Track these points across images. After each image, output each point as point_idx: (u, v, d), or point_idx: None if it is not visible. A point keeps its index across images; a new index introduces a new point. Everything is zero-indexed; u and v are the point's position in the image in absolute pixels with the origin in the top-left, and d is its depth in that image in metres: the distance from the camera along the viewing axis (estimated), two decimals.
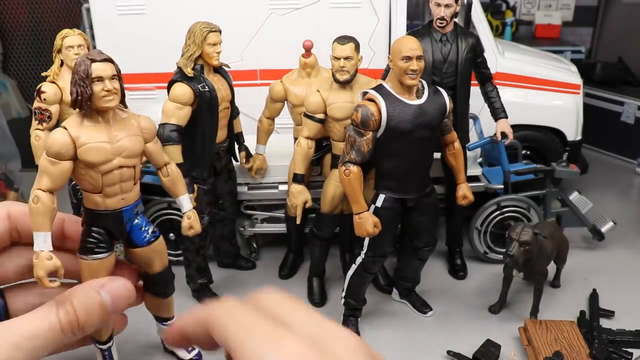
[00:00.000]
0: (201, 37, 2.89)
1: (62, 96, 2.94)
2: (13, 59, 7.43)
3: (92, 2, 3.78)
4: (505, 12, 6.80)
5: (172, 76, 2.93)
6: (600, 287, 3.34)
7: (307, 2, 3.83)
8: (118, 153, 2.03)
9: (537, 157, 4.22)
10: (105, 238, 2.15)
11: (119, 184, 2.09)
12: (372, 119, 2.56)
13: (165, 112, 2.86)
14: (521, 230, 2.84)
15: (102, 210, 2.12)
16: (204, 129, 3.01)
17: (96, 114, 2.04)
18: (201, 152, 3.05)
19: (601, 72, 5.63)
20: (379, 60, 3.79)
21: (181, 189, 2.40)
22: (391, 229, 2.85)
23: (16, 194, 4.14)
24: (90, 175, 2.04)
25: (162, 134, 2.81)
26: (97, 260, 2.13)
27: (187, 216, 2.49)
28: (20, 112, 7.30)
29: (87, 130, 2.02)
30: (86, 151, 1.99)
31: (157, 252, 2.34)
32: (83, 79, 2.01)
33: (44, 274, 1.65)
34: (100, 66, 2.02)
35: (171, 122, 2.85)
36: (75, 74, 2.03)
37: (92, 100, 2.00)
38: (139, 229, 2.25)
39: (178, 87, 2.87)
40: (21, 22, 7.26)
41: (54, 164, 1.96)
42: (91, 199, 2.12)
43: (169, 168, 2.34)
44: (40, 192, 1.92)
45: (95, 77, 2.00)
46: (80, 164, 2.02)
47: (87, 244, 2.12)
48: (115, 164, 2.04)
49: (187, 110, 2.89)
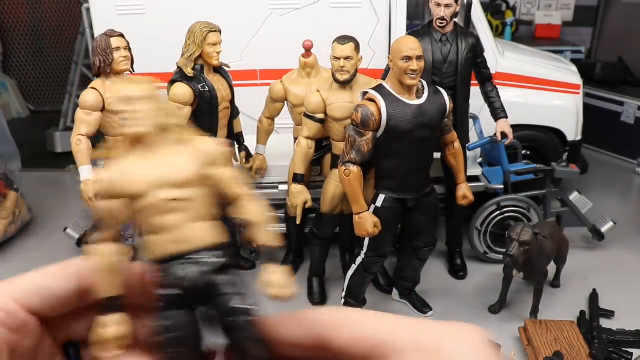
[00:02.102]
0: (201, 37, 2.89)
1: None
2: (13, 59, 7.44)
3: (92, 2, 3.78)
4: (505, 12, 6.80)
5: (172, 76, 2.93)
6: (600, 287, 3.34)
7: (307, 2, 3.83)
8: None
9: (537, 157, 4.22)
10: None
11: None
12: (372, 119, 2.56)
13: None
14: (521, 230, 2.84)
15: None
16: (203, 128, 3.01)
17: (113, 76, 2.83)
18: None
19: (601, 72, 5.63)
20: (379, 60, 3.79)
21: None
22: (391, 229, 2.85)
23: (16, 194, 4.13)
24: (114, 121, 2.77)
25: None
26: None
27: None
28: (20, 112, 7.30)
29: (110, 89, 2.77)
30: (112, 103, 2.72)
31: None
32: (104, 50, 2.79)
33: (92, 195, 2.46)
34: (117, 39, 2.82)
35: None
36: (97, 48, 2.79)
37: (112, 65, 2.81)
38: None
39: (178, 87, 2.87)
40: (21, 22, 7.26)
41: (88, 114, 2.77)
42: None
43: None
44: (80, 136, 2.73)
45: (115, 47, 2.81)
46: (107, 113, 2.81)
47: None
48: None
49: (187, 110, 2.89)
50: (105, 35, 2.85)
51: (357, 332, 0.50)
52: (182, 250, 0.67)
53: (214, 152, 0.71)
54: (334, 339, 0.51)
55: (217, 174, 0.72)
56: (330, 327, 0.52)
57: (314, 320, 0.53)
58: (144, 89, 0.70)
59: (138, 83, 0.71)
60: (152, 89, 0.70)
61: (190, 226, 0.69)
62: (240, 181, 0.75)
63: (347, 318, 0.52)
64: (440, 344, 0.44)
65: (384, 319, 0.50)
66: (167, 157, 0.69)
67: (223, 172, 0.73)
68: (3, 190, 4.07)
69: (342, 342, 0.50)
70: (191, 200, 0.69)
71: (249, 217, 0.73)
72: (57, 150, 5.76)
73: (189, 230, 0.69)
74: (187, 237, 0.69)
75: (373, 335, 0.48)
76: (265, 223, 0.73)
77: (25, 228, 4.20)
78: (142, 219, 0.69)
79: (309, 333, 0.53)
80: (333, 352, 0.52)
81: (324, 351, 0.53)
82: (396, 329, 0.48)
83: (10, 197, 4.07)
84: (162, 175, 0.68)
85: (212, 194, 0.73)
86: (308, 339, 0.53)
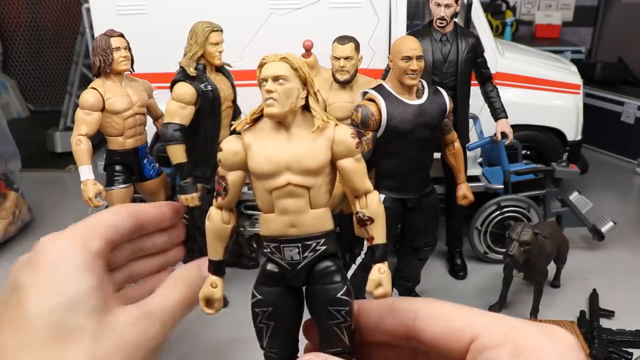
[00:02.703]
0: (203, 36, 2.89)
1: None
2: (13, 59, 7.43)
3: (92, 2, 3.78)
4: (505, 12, 6.80)
5: (175, 76, 2.94)
6: (600, 287, 3.34)
7: (307, 2, 3.82)
8: (134, 103, 2.87)
9: (537, 157, 4.22)
10: (125, 171, 2.92)
11: (135, 127, 2.91)
12: (372, 119, 2.56)
13: (169, 112, 2.87)
14: (521, 230, 2.84)
15: (123, 150, 2.90)
16: (206, 128, 3.02)
17: (113, 76, 2.82)
18: (204, 152, 3.05)
19: (601, 72, 5.63)
20: (379, 60, 3.79)
21: None
22: (391, 229, 2.85)
23: (16, 194, 4.14)
24: (114, 121, 2.83)
25: (166, 133, 2.83)
26: (121, 189, 2.92)
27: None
28: (20, 112, 7.30)
29: (110, 89, 2.80)
30: (112, 103, 2.79)
31: (163, 183, 3.12)
32: (104, 50, 2.76)
33: (92, 195, 2.63)
34: (117, 39, 2.79)
35: (174, 121, 2.85)
36: (97, 48, 2.78)
37: (112, 65, 2.77)
38: (149, 165, 3.05)
39: (181, 86, 2.87)
40: (21, 22, 7.26)
41: (88, 114, 2.74)
42: (114, 141, 2.90)
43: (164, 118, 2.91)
44: (80, 136, 2.71)
45: (115, 47, 2.77)
46: (107, 113, 2.81)
47: (112, 177, 2.91)
48: (132, 112, 2.86)
49: (191, 110, 2.89)
50: (105, 35, 2.84)
51: (450, 326, 0.51)
52: (299, 234, 0.70)
53: (348, 144, 0.71)
54: (427, 332, 0.52)
55: (345, 165, 0.73)
56: (424, 319, 0.53)
57: (408, 310, 0.55)
58: (280, 68, 0.70)
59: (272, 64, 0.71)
60: (288, 69, 0.71)
61: (309, 212, 0.71)
62: (365, 174, 0.76)
63: (441, 311, 0.53)
64: (532, 343, 0.46)
65: (478, 314, 0.51)
66: (303, 142, 0.70)
67: (351, 164, 0.74)
68: (3, 190, 4.07)
69: (435, 335, 0.52)
70: (315, 188, 0.71)
71: (370, 212, 0.75)
72: (57, 150, 5.76)
73: (308, 215, 0.71)
74: (305, 222, 0.71)
75: (466, 330, 0.49)
76: (383, 221, 0.75)
77: (25, 228, 4.20)
78: (263, 196, 0.70)
79: (401, 323, 0.55)
80: (424, 343, 0.53)
81: (413, 341, 0.54)
82: (490, 325, 0.49)
83: (10, 197, 4.07)
84: (297, 160, 0.69)
85: (331, 182, 0.75)
86: (399, 328, 0.55)
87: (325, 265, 0.69)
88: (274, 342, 0.71)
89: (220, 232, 0.72)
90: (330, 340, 0.65)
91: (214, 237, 0.71)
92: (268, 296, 0.68)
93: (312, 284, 0.70)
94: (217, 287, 0.71)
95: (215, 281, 0.71)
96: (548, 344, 0.46)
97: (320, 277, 0.69)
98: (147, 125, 3.08)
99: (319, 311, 0.67)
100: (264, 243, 0.71)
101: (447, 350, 0.50)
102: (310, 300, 0.70)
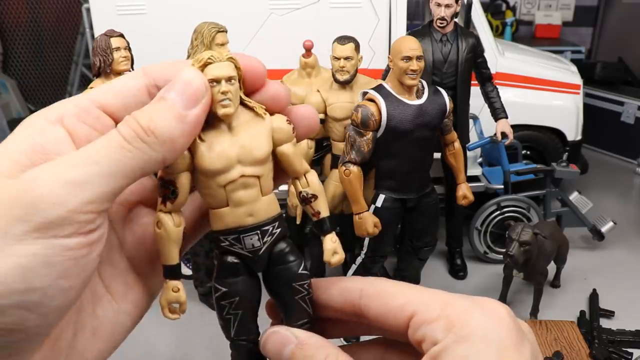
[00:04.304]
0: (209, 37, 2.88)
1: None
2: (13, 59, 7.43)
3: (92, 2, 3.78)
4: (505, 12, 6.79)
5: None
6: (600, 287, 3.34)
7: (307, 2, 3.83)
8: None
9: (537, 157, 4.22)
10: None
11: None
12: (372, 119, 2.56)
13: None
14: (521, 230, 2.84)
15: None
16: None
17: (113, 77, 2.76)
18: None
19: (601, 72, 5.63)
20: (379, 60, 3.79)
21: None
22: (391, 229, 2.85)
23: None
24: None
25: None
26: None
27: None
28: (20, 112, 7.30)
29: None
30: None
31: None
32: (104, 50, 2.74)
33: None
34: (117, 39, 2.77)
35: None
36: (97, 48, 2.76)
37: (112, 65, 2.76)
38: None
39: None
40: (21, 22, 7.26)
41: None
42: None
43: None
44: None
45: (115, 47, 2.74)
46: None
47: None
48: None
49: None
50: (105, 35, 2.83)
51: (390, 303, 0.53)
52: (257, 222, 0.74)
53: (287, 130, 0.76)
54: (371, 309, 0.55)
55: (286, 150, 0.78)
56: (368, 297, 0.55)
57: (353, 289, 0.57)
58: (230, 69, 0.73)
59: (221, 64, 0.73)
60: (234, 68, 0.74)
61: (261, 199, 0.75)
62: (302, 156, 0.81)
63: (383, 288, 0.55)
64: (463, 316, 0.48)
65: (416, 291, 0.53)
66: (247, 134, 0.74)
67: (291, 149, 0.79)
68: None
69: (378, 312, 0.54)
70: (264, 175, 0.75)
71: (312, 190, 0.79)
72: None
73: (261, 203, 0.75)
74: (259, 209, 0.75)
75: (405, 307, 0.51)
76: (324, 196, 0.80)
77: None
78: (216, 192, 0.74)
79: (348, 301, 0.57)
80: (369, 320, 0.55)
81: (361, 317, 0.57)
82: (427, 301, 0.51)
83: None
84: (246, 152, 0.74)
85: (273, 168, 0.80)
86: (347, 305, 0.57)
87: (282, 247, 0.74)
88: (241, 330, 0.75)
89: (174, 236, 0.73)
90: (296, 314, 0.69)
91: (169, 243, 0.73)
92: (234, 286, 0.72)
93: (271, 266, 0.74)
94: (179, 291, 0.73)
95: (177, 285, 0.73)
96: (478, 316, 0.48)
97: (278, 258, 0.74)
98: None
99: (283, 289, 0.73)
100: (219, 237, 0.74)
101: (389, 326, 0.53)
102: (272, 282, 0.74)
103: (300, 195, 0.83)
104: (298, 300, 0.69)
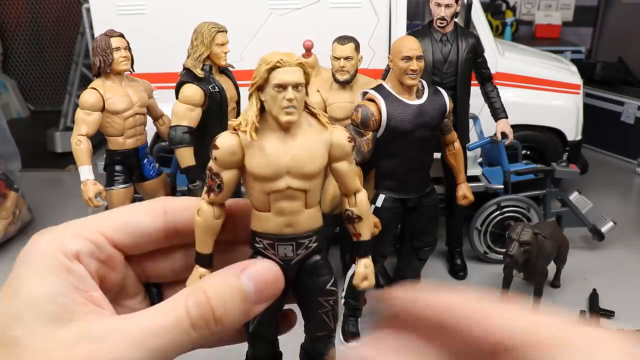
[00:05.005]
0: (210, 37, 2.87)
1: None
2: (13, 59, 7.43)
3: (92, 2, 3.78)
4: (505, 12, 6.80)
5: (180, 78, 2.91)
6: (600, 287, 3.34)
7: (307, 2, 3.82)
8: (134, 104, 2.89)
9: (537, 157, 4.22)
10: (125, 171, 2.93)
11: (135, 127, 2.92)
12: (372, 119, 2.56)
13: (177, 114, 2.82)
14: (521, 230, 2.84)
15: (123, 150, 2.91)
16: (214, 129, 2.99)
17: (113, 76, 2.81)
18: None
19: (601, 72, 5.63)
20: (379, 60, 3.79)
21: None
22: (391, 229, 2.85)
23: (16, 194, 4.13)
24: (114, 121, 2.84)
25: (175, 136, 2.79)
26: (121, 189, 2.93)
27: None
28: (20, 112, 7.30)
29: (110, 89, 2.81)
30: (112, 103, 2.81)
31: (163, 183, 3.16)
32: (104, 50, 2.76)
33: (92, 195, 2.60)
34: (117, 39, 2.79)
35: (183, 124, 2.81)
36: (97, 48, 2.78)
37: (112, 65, 2.77)
38: (149, 165, 3.07)
39: (189, 88, 2.83)
40: (21, 22, 7.26)
41: (88, 114, 2.75)
42: (114, 141, 2.91)
43: (164, 118, 3.12)
44: (80, 136, 2.71)
45: (115, 47, 2.77)
46: (107, 113, 2.81)
47: (112, 177, 2.92)
48: (132, 112, 2.90)
49: (198, 112, 2.86)
50: (105, 35, 2.84)
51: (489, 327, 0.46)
52: (294, 233, 0.73)
53: (345, 147, 0.73)
54: (463, 331, 0.48)
55: (341, 167, 0.76)
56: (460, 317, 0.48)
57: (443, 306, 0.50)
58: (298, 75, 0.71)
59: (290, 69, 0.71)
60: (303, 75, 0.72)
61: (304, 212, 0.75)
62: (355, 175, 0.79)
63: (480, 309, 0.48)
64: (590, 348, 0.42)
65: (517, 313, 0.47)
66: (303, 144, 0.72)
67: (346, 167, 0.77)
68: (3, 190, 4.07)
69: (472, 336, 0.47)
70: (312, 190, 0.73)
71: (358, 211, 0.78)
72: (57, 150, 5.76)
73: (303, 215, 0.75)
74: (300, 221, 0.75)
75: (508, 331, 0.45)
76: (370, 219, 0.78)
77: (25, 228, 4.19)
78: (260, 196, 0.72)
79: (434, 317, 0.50)
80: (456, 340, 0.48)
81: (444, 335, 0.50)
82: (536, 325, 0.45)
83: (10, 197, 4.07)
84: (298, 165, 0.71)
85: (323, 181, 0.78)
86: (430, 322, 0.50)
87: (315, 260, 0.74)
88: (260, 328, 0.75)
89: (212, 227, 0.72)
90: (317, 325, 0.69)
91: (205, 232, 0.72)
92: None
93: (302, 277, 0.73)
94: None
95: (204, 273, 0.72)
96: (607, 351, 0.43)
97: (310, 271, 0.74)
98: (147, 126, 3.08)
99: (309, 302, 0.71)
100: (256, 238, 0.73)
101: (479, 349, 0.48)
102: (300, 292, 0.73)
103: (346, 212, 0.81)
104: (321, 314, 0.68)
